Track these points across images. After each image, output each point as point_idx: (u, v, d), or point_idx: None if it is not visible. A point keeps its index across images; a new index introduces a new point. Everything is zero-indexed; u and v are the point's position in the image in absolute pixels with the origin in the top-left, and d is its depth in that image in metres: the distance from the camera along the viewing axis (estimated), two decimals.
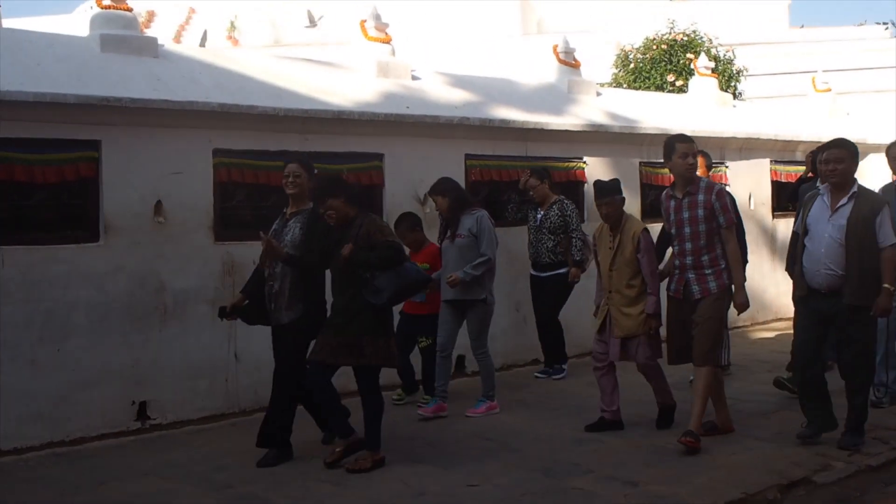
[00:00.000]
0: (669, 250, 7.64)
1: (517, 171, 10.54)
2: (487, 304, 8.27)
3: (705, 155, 9.31)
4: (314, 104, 9.17)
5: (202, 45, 31.30)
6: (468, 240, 8.17)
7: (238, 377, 8.56)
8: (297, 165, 6.99)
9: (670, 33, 19.22)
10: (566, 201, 9.84)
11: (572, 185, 11.30)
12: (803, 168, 14.05)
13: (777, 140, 13.91)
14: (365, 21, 10.59)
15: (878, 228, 6.81)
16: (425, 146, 9.94)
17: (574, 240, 9.71)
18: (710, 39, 19.24)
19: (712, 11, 32.58)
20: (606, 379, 7.67)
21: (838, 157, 6.94)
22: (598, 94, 12.75)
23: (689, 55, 18.03)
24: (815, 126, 14.81)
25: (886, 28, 31.97)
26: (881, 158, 15.23)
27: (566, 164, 11.27)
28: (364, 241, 6.53)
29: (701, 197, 7.19)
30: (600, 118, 11.78)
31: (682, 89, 16.72)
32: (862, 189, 7.03)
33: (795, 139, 14.19)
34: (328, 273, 6.93)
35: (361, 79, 10.21)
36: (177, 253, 8.23)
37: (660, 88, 17.74)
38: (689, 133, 12.27)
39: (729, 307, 7.34)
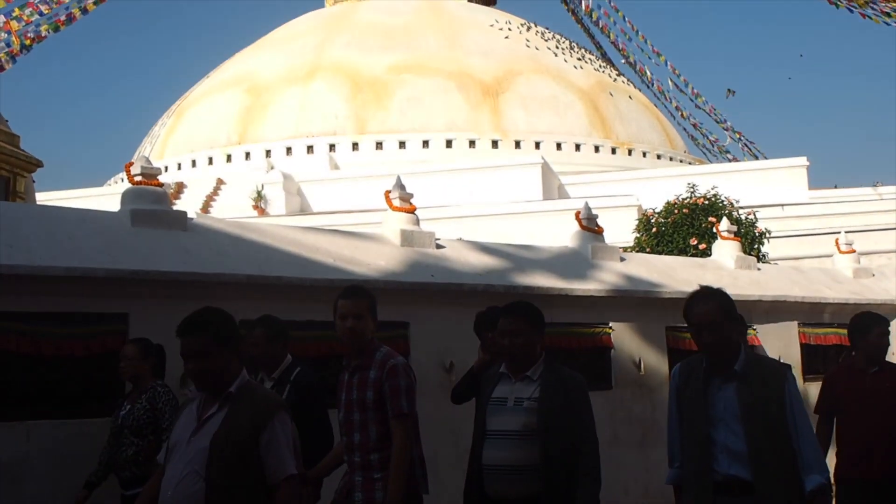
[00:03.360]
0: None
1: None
2: None
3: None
4: (340, 274, 9.24)
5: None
6: None
7: None
8: None
9: (691, 197, 19.45)
10: (161, 388, 7.13)
11: (598, 350, 11.23)
12: (833, 330, 13.98)
13: (804, 302, 13.83)
14: (390, 192, 10.78)
15: (263, 451, 4.43)
16: (450, 314, 9.94)
17: (165, 443, 6.47)
18: (732, 203, 19.45)
19: (732, 175, 33.15)
20: None
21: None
22: (622, 259, 12.79)
23: (710, 218, 18.18)
24: (841, 287, 14.75)
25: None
26: None
27: (592, 329, 11.23)
28: None
29: (372, 374, 5.64)
30: (624, 283, 11.80)
31: (705, 253, 16.78)
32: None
33: (822, 301, 14.11)
34: None
35: (386, 248, 10.31)
36: None
37: (683, 252, 17.82)
38: None
39: None
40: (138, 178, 8.91)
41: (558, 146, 41.04)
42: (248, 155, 41.09)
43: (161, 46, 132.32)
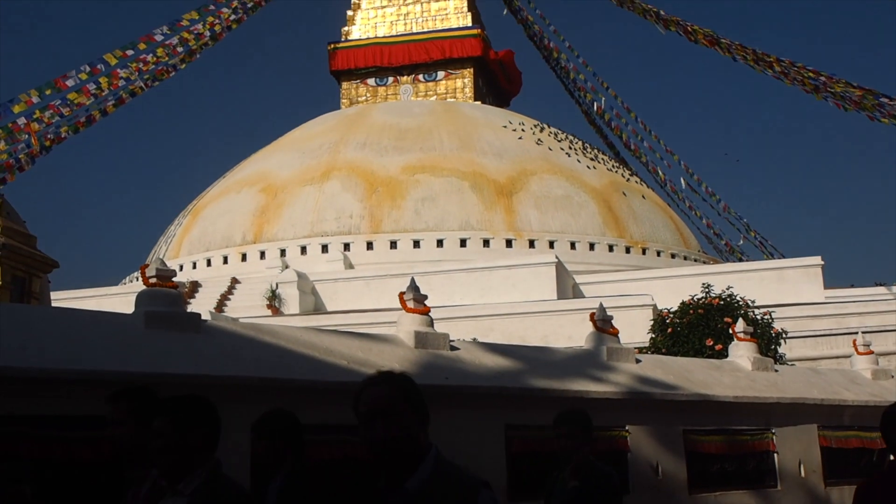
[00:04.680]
0: None
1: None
2: None
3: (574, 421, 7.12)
4: (353, 376, 9.16)
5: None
6: None
7: None
8: None
9: (706, 297, 19.40)
10: None
11: (615, 454, 11.04)
12: (854, 433, 13.75)
13: (823, 405, 13.64)
14: (404, 293, 10.78)
15: None
16: (464, 417, 9.83)
17: None
18: (747, 303, 19.39)
19: (747, 275, 33.10)
20: None
21: None
22: (637, 360, 12.69)
23: (726, 319, 18.10)
24: (860, 389, 14.56)
25: None
26: None
27: (608, 432, 11.07)
28: None
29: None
30: (640, 385, 11.68)
31: (721, 354, 16.65)
32: None
33: (842, 403, 13.92)
34: None
35: (400, 350, 10.27)
36: None
37: (698, 353, 17.70)
38: (731, 399, 12.31)
39: None
40: (153, 280, 8.94)
41: (572, 245, 41.13)
42: (262, 254, 41.30)
43: (178, 147, 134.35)
